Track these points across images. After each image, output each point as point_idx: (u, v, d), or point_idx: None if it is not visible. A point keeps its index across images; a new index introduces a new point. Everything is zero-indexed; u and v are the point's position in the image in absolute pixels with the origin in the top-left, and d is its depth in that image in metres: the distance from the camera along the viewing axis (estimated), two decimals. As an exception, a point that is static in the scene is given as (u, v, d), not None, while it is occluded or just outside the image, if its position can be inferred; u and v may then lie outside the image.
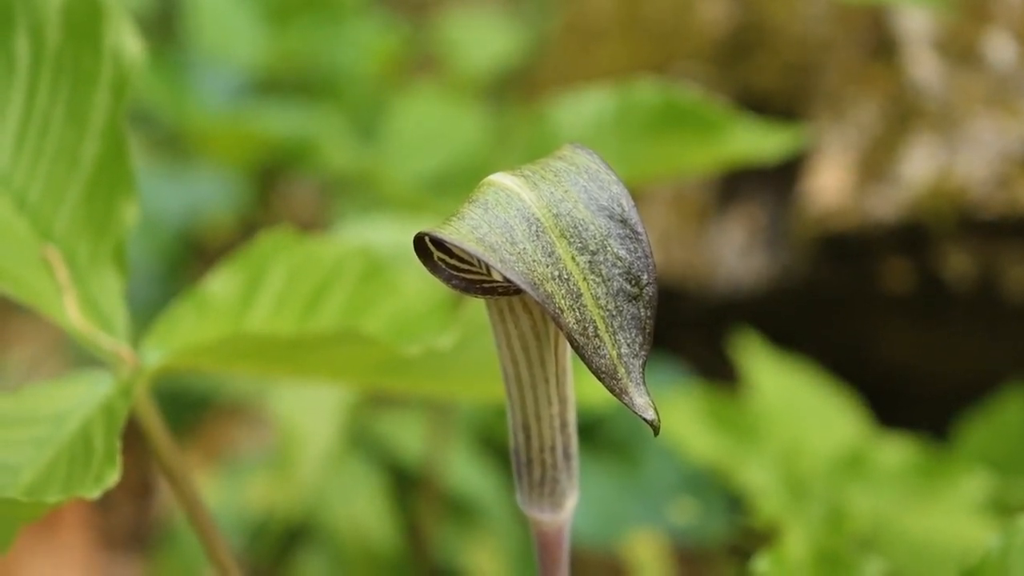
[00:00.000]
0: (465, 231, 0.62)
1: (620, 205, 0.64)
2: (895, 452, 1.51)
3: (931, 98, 1.66)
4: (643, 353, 0.63)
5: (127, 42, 0.95)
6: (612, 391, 0.62)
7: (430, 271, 0.67)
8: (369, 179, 1.89)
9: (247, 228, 2.38)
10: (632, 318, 0.63)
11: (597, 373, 0.62)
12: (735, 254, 1.86)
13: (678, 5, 2.06)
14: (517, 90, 2.63)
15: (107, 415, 0.86)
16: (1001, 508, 1.48)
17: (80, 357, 2.09)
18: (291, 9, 2.35)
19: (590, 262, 0.63)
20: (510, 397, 0.74)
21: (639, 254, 0.64)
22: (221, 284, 1.04)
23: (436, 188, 1.95)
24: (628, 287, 0.63)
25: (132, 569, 2.00)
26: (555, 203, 0.64)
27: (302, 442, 1.67)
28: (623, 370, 0.62)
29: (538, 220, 0.63)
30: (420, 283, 1.10)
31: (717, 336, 1.87)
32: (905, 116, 1.68)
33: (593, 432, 1.81)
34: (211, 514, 0.99)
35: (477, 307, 0.95)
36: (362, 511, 1.78)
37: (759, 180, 1.88)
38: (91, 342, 0.93)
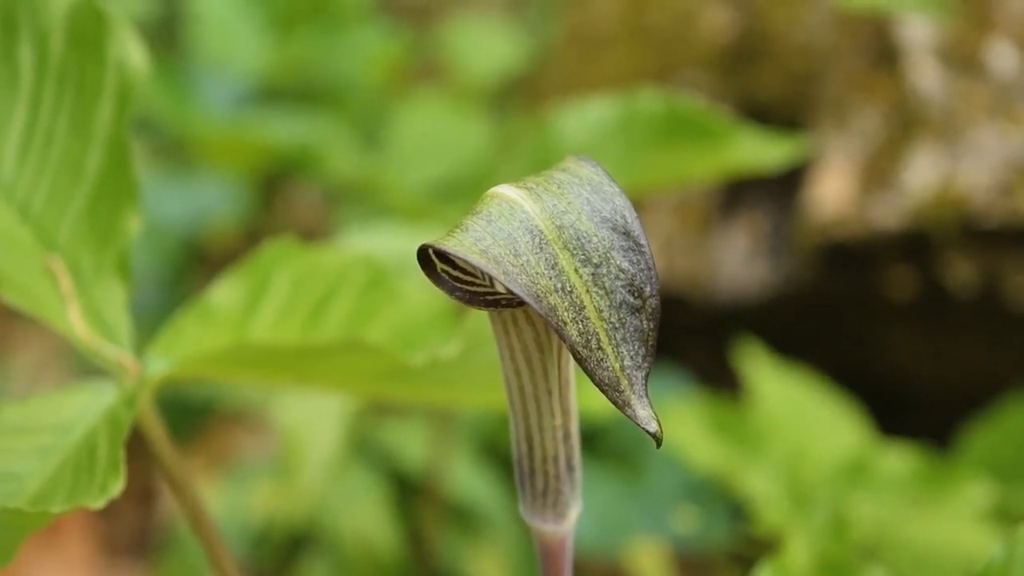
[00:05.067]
0: (468, 243, 0.62)
1: (623, 217, 0.64)
2: (898, 459, 1.50)
3: (934, 106, 1.66)
4: (646, 365, 0.63)
5: (131, 52, 0.95)
6: (615, 403, 0.62)
7: (434, 283, 0.67)
8: (372, 187, 1.89)
9: (251, 235, 2.38)
10: (635, 330, 0.63)
11: (600, 385, 0.62)
12: (738, 262, 1.86)
13: (682, 13, 2.07)
14: (520, 98, 2.63)
15: (111, 425, 0.87)
16: (1004, 516, 1.47)
17: (84, 365, 2.09)
18: (294, 17, 2.36)
19: (593, 274, 0.63)
20: (513, 408, 0.74)
21: (642, 266, 0.64)
22: (225, 293, 1.04)
23: (439, 196, 1.95)
24: (631, 299, 0.63)
25: (135, 576, 2.00)
26: (558, 215, 0.64)
27: (305, 449, 1.67)
28: (626, 382, 0.62)
29: (541, 232, 0.63)
30: (423, 292, 1.10)
31: (720, 344, 1.87)
32: (908, 124, 1.68)
33: (596, 440, 1.81)
34: (214, 521, 0.99)
35: (480, 317, 0.95)
36: (365, 518, 1.78)
37: (762, 188, 1.88)
38: (95, 352, 0.93)
